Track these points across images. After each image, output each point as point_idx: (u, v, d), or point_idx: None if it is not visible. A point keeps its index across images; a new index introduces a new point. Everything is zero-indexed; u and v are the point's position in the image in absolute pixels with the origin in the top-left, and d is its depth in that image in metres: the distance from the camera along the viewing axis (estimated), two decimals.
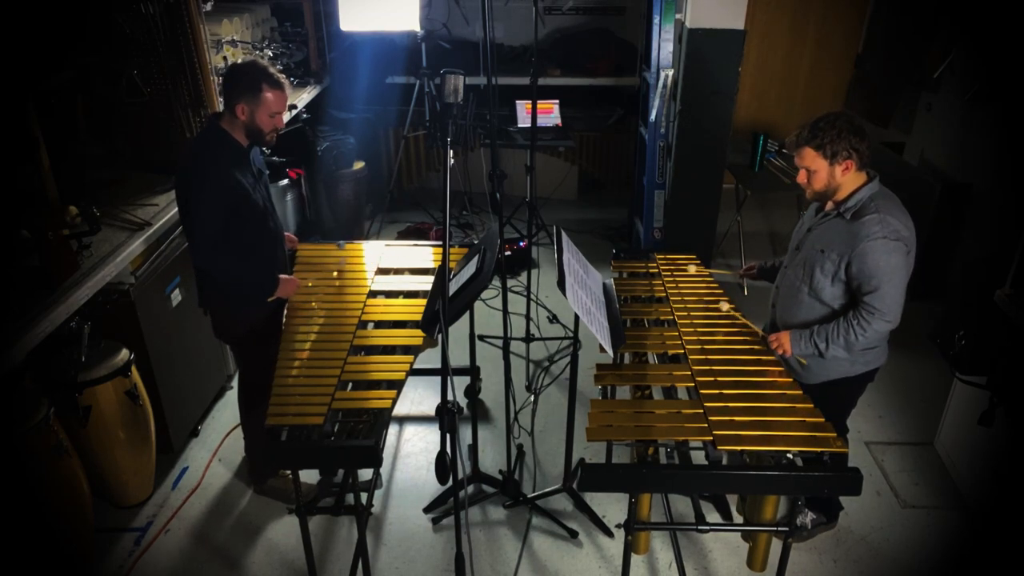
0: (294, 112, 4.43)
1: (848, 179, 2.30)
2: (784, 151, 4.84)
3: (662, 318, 2.67)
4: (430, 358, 2.67)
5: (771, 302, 2.65)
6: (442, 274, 1.92)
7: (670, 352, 2.49)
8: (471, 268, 2.28)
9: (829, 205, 2.38)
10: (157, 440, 3.03)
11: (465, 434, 3.26)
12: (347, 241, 3.12)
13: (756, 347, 2.44)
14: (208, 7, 3.59)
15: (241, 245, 2.58)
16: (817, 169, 2.30)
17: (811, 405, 2.16)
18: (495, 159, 3.29)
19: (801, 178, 2.36)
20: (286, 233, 2.97)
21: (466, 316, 2.43)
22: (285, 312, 2.69)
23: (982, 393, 2.76)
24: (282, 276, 2.68)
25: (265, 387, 2.82)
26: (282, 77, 2.54)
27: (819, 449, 2.00)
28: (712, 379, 2.29)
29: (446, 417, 1.84)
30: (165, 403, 3.09)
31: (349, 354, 2.43)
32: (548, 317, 4.32)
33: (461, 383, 3.52)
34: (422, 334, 2.50)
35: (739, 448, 2.03)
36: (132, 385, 2.82)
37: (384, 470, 3.21)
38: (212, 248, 2.52)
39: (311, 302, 2.72)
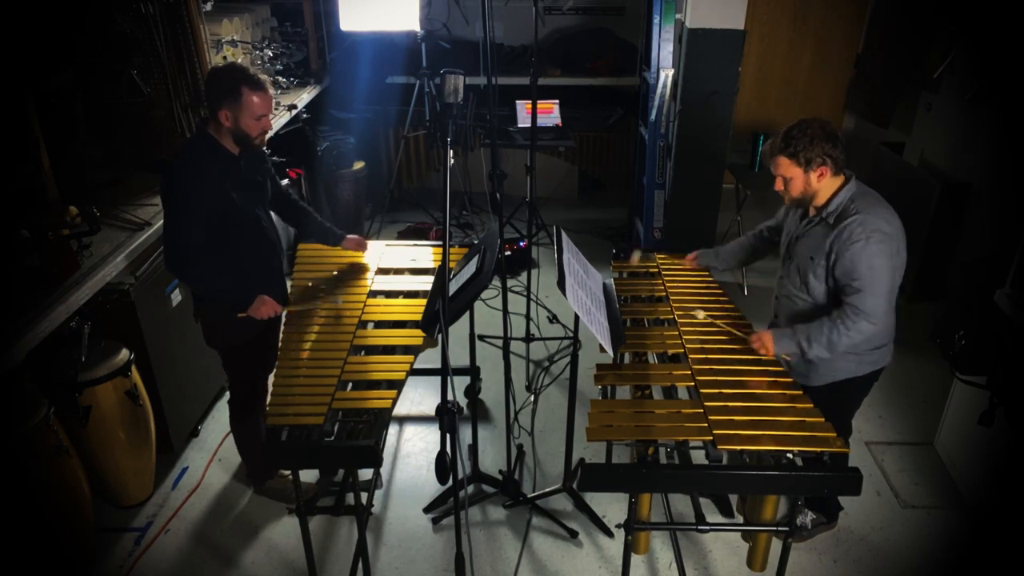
0: (294, 112, 4.43)
1: (825, 184, 2.32)
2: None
3: (662, 318, 2.67)
4: (430, 358, 2.67)
5: (773, 312, 2.65)
6: (442, 274, 1.92)
7: (670, 352, 2.49)
8: (471, 268, 2.28)
9: (812, 211, 2.40)
10: (157, 440, 3.03)
11: (465, 434, 3.26)
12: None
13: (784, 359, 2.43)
14: (208, 7, 3.60)
15: (223, 257, 2.52)
16: (792, 177, 2.32)
17: (811, 405, 2.16)
18: (495, 159, 3.29)
19: (778, 186, 2.38)
20: (353, 236, 2.94)
21: (466, 316, 2.43)
22: (284, 318, 2.67)
23: (982, 393, 2.76)
24: (260, 296, 2.56)
25: (254, 397, 2.83)
26: (264, 77, 2.44)
27: (819, 449, 2.00)
28: (712, 379, 2.29)
29: (446, 417, 1.84)
30: (165, 403, 3.09)
31: (349, 354, 2.43)
32: (548, 317, 4.32)
33: (461, 383, 3.52)
34: (422, 334, 2.50)
35: (739, 448, 2.03)
36: (132, 385, 2.82)
37: (384, 470, 3.21)
38: (182, 257, 2.47)
39: (311, 302, 2.71)
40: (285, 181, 4.63)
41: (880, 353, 2.46)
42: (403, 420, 3.55)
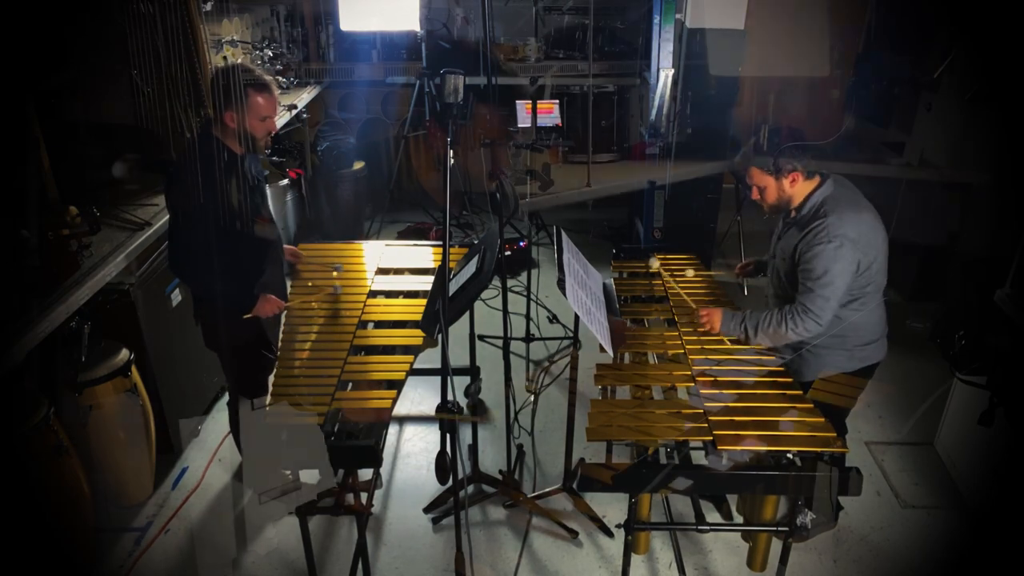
0: (294, 112, 4.43)
1: (798, 189, 2.36)
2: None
3: (662, 318, 2.67)
4: (430, 358, 2.67)
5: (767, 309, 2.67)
6: (442, 274, 1.92)
7: (670, 352, 2.49)
8: (471, 268, 2.28)
9: (792, 214, 2.43)
10: (157, 440, 3.03)
11: (465, 434, 3.26)
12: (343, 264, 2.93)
13: (756, 346, 2.44)
14: (208, 7, 3.59)
15: (224, 258, 2.50)
16: (766, 185, 2.38)
17: (811, 405, 2.17)
18: (495, 159, 3.29)
19: (754, 195, 2.44)
20: (288, 246, 2.92)
21: (466, 316, 2.43)
22: (283, 318, 2.67)
23: (982, 393, 2.76)
24: (263, 295, 2.58)
25: (254, 397, 2.82)
26: (269, 78, 2.45)
27: (819, 449, 2.01)
28: (712, 379, 2.29)
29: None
30: (165, 403, 3.09)
31: (349, 354, 2.43)
32: (548, 317, 4.32)
33: (461, 383, 3.51)
34: (422, 334, 2.50)
35: (739, 448, 2.03)
36: (132, 385, 2.82)
37: (384, 470, 3.21)
38: (184, 259, 2.48)
39: (311, 302, 2.71)
40: (285, 181, 4.64)
41: (871, 349, 2.47)
42: (403, 420, 3.55)
